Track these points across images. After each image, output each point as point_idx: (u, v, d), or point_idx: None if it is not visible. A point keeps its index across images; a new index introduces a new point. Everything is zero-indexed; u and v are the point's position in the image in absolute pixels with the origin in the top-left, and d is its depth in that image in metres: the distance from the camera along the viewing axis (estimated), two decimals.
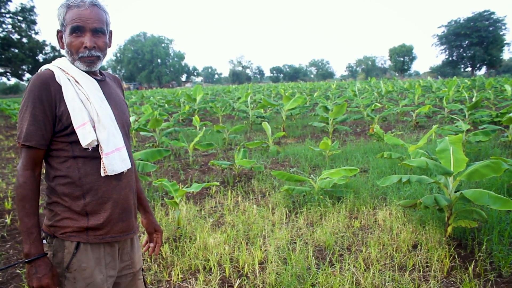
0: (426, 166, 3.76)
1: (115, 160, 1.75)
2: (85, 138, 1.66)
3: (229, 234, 4.10)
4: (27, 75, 49.57)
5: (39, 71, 1.74)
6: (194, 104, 16.50)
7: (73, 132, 1.67)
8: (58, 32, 1.78)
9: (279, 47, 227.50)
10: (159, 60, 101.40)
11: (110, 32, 1.85)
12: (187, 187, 4.41)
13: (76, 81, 1.71)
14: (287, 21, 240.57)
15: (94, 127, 1.70)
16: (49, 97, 1.65)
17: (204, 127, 9.66)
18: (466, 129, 7.58)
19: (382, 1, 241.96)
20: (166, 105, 18.69)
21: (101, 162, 1.72)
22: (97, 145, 1.71)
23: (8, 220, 4.98)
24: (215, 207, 5.17)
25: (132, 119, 9.28)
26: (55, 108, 1.66)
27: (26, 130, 1.63)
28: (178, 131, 9.73)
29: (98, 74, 1.86)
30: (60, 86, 1.68)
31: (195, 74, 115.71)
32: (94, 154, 1.72)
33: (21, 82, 78.13)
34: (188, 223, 4.49)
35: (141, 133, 9.40)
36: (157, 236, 2.15)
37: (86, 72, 1.77)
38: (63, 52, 1.81)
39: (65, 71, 1.72)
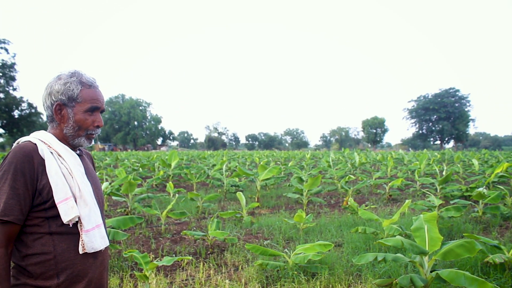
0: (402, 245, 3.75)
1: (95, 237, 1.69)
2: (67, 213, 1.60)
3: None
4: (0, 130, 48.81)
5: (18, 142, 1.69)
6: (169, 170, 16.36)
7: (52, 207, 1.61)
8: (57, 105, 1.72)
9: (255, 115, 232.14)
10: (135, 123, 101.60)
11: None
12: (157, 260, 4.25)
13: (59, 155, 1.68)
14: (264, 90, 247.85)
15: (75, 202, 1.65)
16: (32, 170, 1.59)
17: (177, 194, 9.52)
18: (438, 204, 7.70)
19: (355, 75, 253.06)
20: (140, 169, 18.47)
21: (80, 239, 1.65)
22: (77, 221, 1.66)
23: None
24: (186, 280, 4.97)
25: (105, 184, 9.11)
26: (36, 182, 1.60)
27: (5, 204, 1.54)
28: (152, 197, 9.54)
29: (76, 149, 1.84)
30: (43, 159, 1.63)
31: (171, 138, 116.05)
32: (72, 230, 1.65)
33: None
34: None
35: (113, 197, 9.18)
36: None
37: (69, 146, 1.77)
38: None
39: (47, 144, 1.68)
